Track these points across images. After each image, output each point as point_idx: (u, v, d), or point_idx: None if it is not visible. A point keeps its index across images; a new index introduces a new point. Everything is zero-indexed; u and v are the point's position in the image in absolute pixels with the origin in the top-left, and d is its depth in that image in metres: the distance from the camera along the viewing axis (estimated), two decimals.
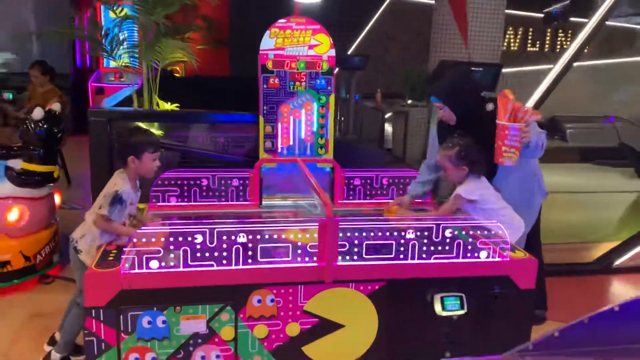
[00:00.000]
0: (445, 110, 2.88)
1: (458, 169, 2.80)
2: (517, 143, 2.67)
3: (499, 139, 2.69)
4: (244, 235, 2.30)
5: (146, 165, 2.61)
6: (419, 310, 2.45)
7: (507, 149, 2.68)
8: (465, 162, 2.79)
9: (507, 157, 2.69)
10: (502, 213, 2.79)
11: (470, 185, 2.78)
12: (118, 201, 2.49)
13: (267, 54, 3.19)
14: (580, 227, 4.97)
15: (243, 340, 2.34)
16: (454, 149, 2.79)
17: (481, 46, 7.05)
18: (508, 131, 2.65)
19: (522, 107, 2.67)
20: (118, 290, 2.19)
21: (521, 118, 2.66)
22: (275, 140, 3.28)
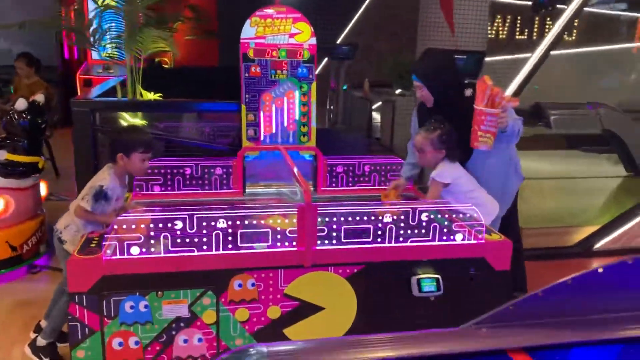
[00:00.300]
0: (424, 91, 2.92)
1: (436, 152, 2.85)
2: (493, 128, 2.72)
3: (476, 124, 2.74)
4: (223, 221, 2.34)
5: (135, 164, 2.61)
6: (396, 292, 2.51)
7: (482, 133, 2.73)
8: (444, 146, 2.83)
9: (482, 141, 2.74)
10: (474, 196, 2.84)
11: (442, 169, 2.83)
12: (103, 197, 2.52)
13: (248, 43, 3.21)
14: (563, 212, 5.04)
15: (225, 323, 2.40)
16: (435, 132, 2.83)
17: (468, 34, 7.08)
18: (485, 116, 2.70)
19: (500, 93, 2.71)
20: (100, 276, 2.24)
21: (498, 104, 2.71)
22: (258, 128, 3.31)
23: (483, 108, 2.70)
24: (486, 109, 2.69)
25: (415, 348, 1.24)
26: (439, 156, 2.86)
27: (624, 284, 1.31)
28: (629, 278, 1.31)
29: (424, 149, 2.87)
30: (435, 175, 2.84)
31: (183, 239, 2.31)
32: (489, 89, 2.69)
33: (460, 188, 2.85)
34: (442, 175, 2.83)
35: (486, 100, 2.70)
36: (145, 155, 2.63)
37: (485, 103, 2.71)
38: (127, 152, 2.58)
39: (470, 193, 2.85)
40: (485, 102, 2.71)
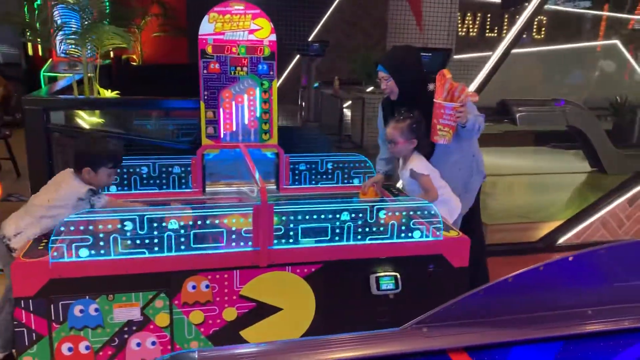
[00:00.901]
0: (389, 82, 2.90)
1: (408, 142, 2.81)
2: (452, 122, 2.72)
3: (435, 117, 2.74)
4: (175, 222, 2.29)
5: (101, 179, 2.53)
6: (355, 291, 2.49)
7: (441, 127, 2.73)
8: (415, 135, 2.81)
9: (441, 135, 2.74)
10: (441, 192, 2.84)
11: (417, 161, 2.81)
12: (95, 192, 2.47)
13: (207, 39, 3.15)
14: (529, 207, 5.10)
15: (179, 326, 2.35)
16: (405, 121, 2.80)
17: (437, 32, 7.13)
18: (443, 110, 2.70)
19: (459, 87, 2.71)
20: (47, 280, 2.16)
21: (457, 97, 2.71)
22: (218, 126, 3.25)
23: (442, 101, 2.70)
24: (445, 102, 2.69)
25: (353, 350, 1.21)
26: (410, 146, 2.83)
27: (565, 280, 1.31)
28: (569, 275, 1.30)
29: (395, 139, 2.83)
30: (416, 168, 2.80)
31: (134, 240, 2.25)
32: (448, 82, 2.70)
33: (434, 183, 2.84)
34: (422, 167, 2.81)
35: (445, 94, 2.70)
36: (112, 170, 2.56)
37: (445, 97, 2.71)
38: (94, 167, 2.48)
39: (440, 189, 2.84)
40: (444, 96, 2.71)
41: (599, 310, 1.34)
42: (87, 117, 3.69)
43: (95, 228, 2.21)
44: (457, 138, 2.90)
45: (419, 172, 2.79)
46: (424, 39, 6.97)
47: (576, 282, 1.32)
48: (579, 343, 1.27)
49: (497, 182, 5.73)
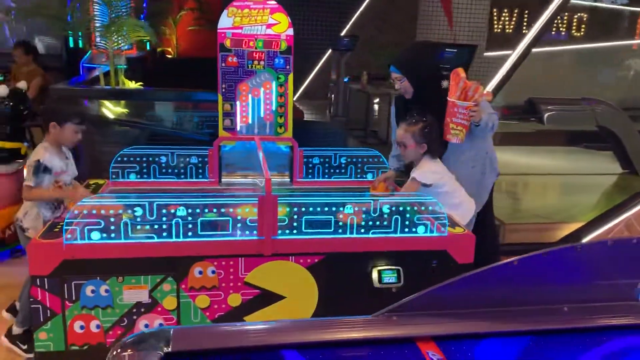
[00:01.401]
0: (403, 82, 2.92)
1: (418, 147, 2.80)
2: (465, 121, 2.72)
3: (448, 116, 2.74)
4: (184, 209, 2.38)
5: (67, 134, 2.66)
6: (357, 283, 2.53)
7: (454, 126, 2.73)
8: (426, 140, 2.80)
9: (454, 134, 2.74)
10: (455, 196, 2.83)
11: (425, 168, 2.80)
12: (43, 170, 2.56)
13: (225, 33, 3.23)
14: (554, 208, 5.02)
15: (185, 309, 2.43)
16: (417, 124, 2.79)
17: (467, 28, 7.06)
18: (457, 109, 2.70)
19: (473, 86, 2.70)
20: (61, 260, 2.28)
21: (471, 97, 2.70)
22: (234, 118, 3.33)
23: (455, 100, 2.69)
24: (458, 101, 2.69)
25: (325, 334, 1.26)
26: (420, 151, 2.83)
27: (538, 276, 1.32)
28: (543, 271, 1.32)
29: (405, 142, 2.82)
30: (416, 174, 2.80)
31: (143, 225, 2.35)
32: (462, 81, 2.69)
33: (442, 189, 2.82)
34: (424, 176, 2.79)
35: (459, 93, 2.70)
36: (79, 127, 2.68)
37: (458, 95, 2.70)
38: (60, 121, 2.62)
39: (452, 194, 2.83)
40: (458, 95, 2.70)
41: (575, 307, 1.35)
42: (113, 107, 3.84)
43: (106, 212, 2.31)
44: (471, 136, 2.89)
45: (417, 179, 2.77)
46: (453, 35, 6.92)
47: (552, 279, 1.34)
48: (550, 338, 1.29)
49: (522, 182, 5.66)
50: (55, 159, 2.64)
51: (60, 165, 2.65)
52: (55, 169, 2.62)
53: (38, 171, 2.56)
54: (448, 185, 2.84)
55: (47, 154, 2.61)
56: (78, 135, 2.71)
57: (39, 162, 2.56)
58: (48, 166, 2.59)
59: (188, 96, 3.86)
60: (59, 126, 2.63)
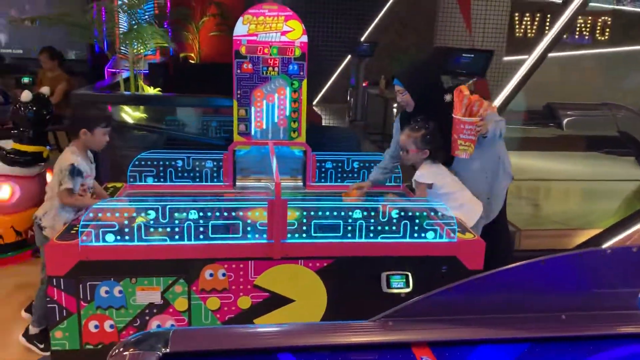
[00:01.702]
0: (404, 95, 2.94)
1: (420, 152, 2.85)
2: (473, 136, 2.73)
3: (455, 133, 2.75)
4: (195, 212, 2.43)
5: (97, 138, 2.74)
6: (366, 287, 2.54)
7: (462, 142, 2.74)
8: (428, 147, 2.83)
9: (462, 149, 2.75)
10: (456, 197, 2.84)
11: (424, 170, 2.84)
12: (77, 173, 2.64)
13: (240, 40, 3.28)
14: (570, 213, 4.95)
15: (196, 311, 2.48)
16: (420, 131, 2.83)
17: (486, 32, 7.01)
18: (463, 125, 2.71)
19: (477, 102, 2.71)
20: (77, 261, 2.35)
21: (476, 112, 2.71)
22: (249, 123, 3.39)
23: (461, 117, 2.70)
24: (464, 118, 2.70)
25: (322, 338, 1.29)
26: (422, 156, 2.86)
27: (536, 283, 1.33)
28: (542, 278, 1.32)
29: (407, 147, 2.87)
30: (416, 177, 2.85)
31: (156, 228, 2.41)
32: (466, 98, 2.69)
33: (443, 190, 2.84)
34: (422, 176, 2.84)
35: (464, 110, 2.71)
36: (106, 129, 2.76)
37: (464, 112, 2.71)
38: (90, 127, 2.70)
39: (452, 195, 2.85)
40: (463, 112, 2.71)
41: (573, 315, 1.35)
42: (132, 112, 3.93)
43: (121, 215, 2.37)
44: (480, 147, 2.91)
45: (419, 182, 2.82)
46: (472, 40, 6.88)
47: (550, 286, 1.34)
48: (547, 346, 1.29)
49: (540, 187, 5.60)
50: (83, 162, 2.73)
51: (86, 169, 2.74)
52: (85, 172, 2.71)
53: (73, 174, 2.64)
54: (449, 186, 2.85)
55: (79, 158, 2.69)
56: (107, 138, 2.80)
57: (74, 165, 2.65)
58: (81, 169, 2.68)
59: (204, 102, 3.93)
60: (89, 132, 2.72)
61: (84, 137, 2.72)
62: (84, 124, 2.71)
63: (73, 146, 2.74)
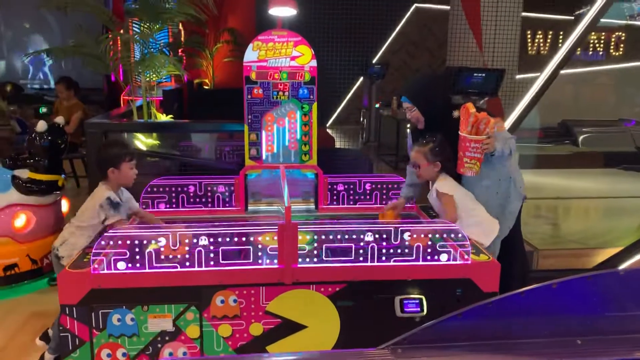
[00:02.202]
0: (413, 112, 2.94)
1: (432, 165, 2.85)
2: (479, 154, 2.70)
3: (460, 150, 2.73)
4: (205, 238, 2.43)
5: (125, 174, 2.76)
6: (379, 312, 2.50)
7: (468, 160, 2.71)
8: (439, 158, 2.84)
9: (467, 167, 2.73)
10: (475, 214, 2.81)
11: (442, 181, 2.83)
12: (114, 205, 2.67)
13: (251, 66, 3.32)
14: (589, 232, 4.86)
15: (208, 338, 2.46)
16: (428, 144, 2.85)
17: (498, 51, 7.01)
18: (469, 143, 2.69)
19: (484, 120, 2.68)
20: (89, 289, 2.36)
21: (483, 130, 2.68)
22: (260, 147, 3.40)
23: (467, 135, 2.68)
24: (470, 135, 2.68)
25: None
26: (434, 169, 2.86)
27: (546, 308, 1.29)
28: (552, 302, 1.29)
29: (419, 162, 2.88)
30: (438, 186, 2.84)
31: (167, 255, 2.40)
32: (472, 116, 2.67)
33: (462, 204, 2.82)
34: (443, 186, 2.83)
35: (470, 127, 2.69)
36: (132, 162, 2.78)
37: (470, 130, 2.69)
38: (116, 164, 2.71)
39: (472, 211, 2.82)
40: (469, 129, 2.69)
41: (589, 339, 1.31)
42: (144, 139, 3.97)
43: (132, 243, 2.38)
44: (489, 165, 2.88)
45: (441, 192, 2.79)
46: (484, 59, 6.89)
47: (563, 310, 1.30)
48: None
49: (558, 206, 5.52)
50: (117, 198, 2.75)
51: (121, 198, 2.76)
52: (121, 203, 2.73)
53: (111, 206, 2.67)
54: (468, 201, 2.83)
55: (111, 192, 2.71)
56: (135, 171, 2.81)
57: (111, 199, 2.67)
58: (115, 201, 2.70)
59: (215, 127, 3.96)
60: (117, 170, 2.73)
61: (113, 175, 2.73)
62: (109, 164, 2.73)
63: (105, 184, 2.75)
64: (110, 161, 2.73)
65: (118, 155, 2.74)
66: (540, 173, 6.27)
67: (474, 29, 6.81)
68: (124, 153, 2.76)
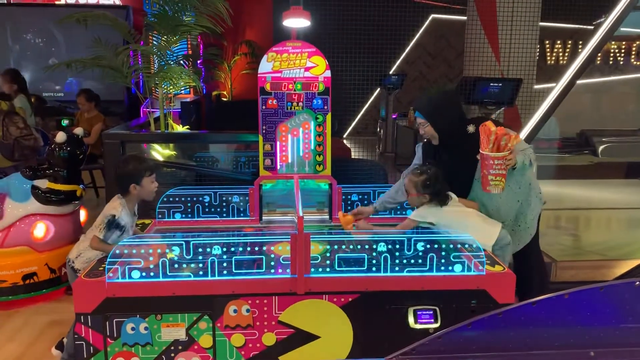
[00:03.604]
0: (426, 127, 2.94)
1: (420, 196, 2.86)
2: (503, 171, 2.68)
3: (484, 169, 2.71)
4: (218, 248, 2.44)
5: (147, 188, 2.78)
6: (393, 323, 2.48)
7: (493, 177, 2.69)
8: (428, 191, 2.83)
9: (493, 185, 2.70)
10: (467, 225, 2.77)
11: (422, 211, 2.85)
12: (115, 226, 2.67)
13: (265, 77, 3.35)
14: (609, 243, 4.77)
15: (221, 348, 2.46)
16: (421, 176, 2.85)
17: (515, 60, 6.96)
18: (492, 161, 2.67)
19: (505, 135, 2.66)
20: (103, 298, 2.38)
21: (504, 147, 2.66)
22: (274, 158, 3.42)
23: (489, 153, 2.66)
24: (492, 153, 2.66)
25: None
26: (422, 200, 2.87)
27: (558, 318, 1.27)
28: (564, 313, 1.27)
29: (409, 190, 2.90)
30: (413, 215, 2.88)
31: (180, 264, 2.42)
32: (493, 134, 2.66)
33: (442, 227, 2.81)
34: (419, 215, 2.85)
35: (491, 145, 2.67)
36: (152, 176, 2.80)
37: (491, 148, 2.67)
38: (137, 180, 2.73)
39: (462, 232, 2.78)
40: (490, 147, 2.67)
41: (602, 351, 1.28)
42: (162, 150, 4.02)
43: (146, 252, 2.40)
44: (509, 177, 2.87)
45: (412, 219, 2.85)
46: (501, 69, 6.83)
47: (576, 321, 1.28)
48: None
49: (577, 217, 5.43)
50: (127, 216, 2.75)
51: (128, 221, 2.76)
52: (127, 226, 2.74)
53: (111, 226, 2.66)
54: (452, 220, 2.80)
55: (123, 212, 2.71)
56: (156, 184, 2.83)
57: (114, 217, 2.67)
58: (122, 223, 2.70)
59: (231, 138, 4.00)
60: (138, 186, 2.75)
61: (135, 191, 2.75)
62: (131, 179, 2.74)
63: (123, 198, 2.76)
64: (131, 177, 2.75)
65: (138, 170, 2.75)
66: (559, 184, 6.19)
67: (491, 39, 6.78)
68: (144, 167, 2.77)
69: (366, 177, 3.81)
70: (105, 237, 2.65)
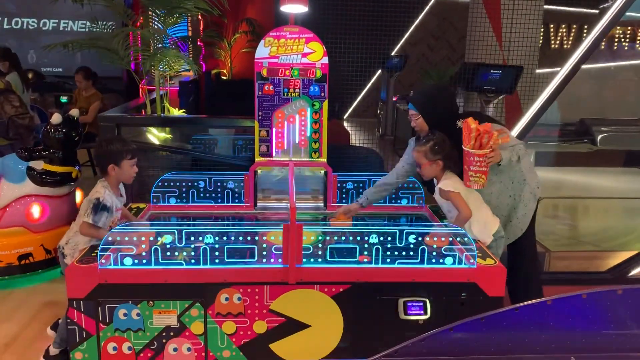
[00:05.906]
0: (417, 119, 2.92)
1: (433, 163, 2.83)
2: (484, 167, 2.67)
3: (465, 164, 2.70)
4: (211, 236, 2.45)
5: (125, 171, 2.75)
6: (383, 314, 2.51)
7: (472, 174, 2.69)
8: (439, 156, 2.81)
9: (473, 181, 2.70)
10: (478, 212, 2.78)
11: (448, 180, 2.81)
12: (102, 208, 2.66)
13: (262, 62, 3.32)
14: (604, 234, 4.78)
15: (212, 335, 2.49)
16: (427, 143, 2.83)
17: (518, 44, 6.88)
18: (472, 157, 2.65)
19: (487, 134, 2.64)
20: (96, 284, 2.40)
21: (486, 144, 2.64)
22: (270, 144, 3.40)
23: (470, 150, 2.65)
24: (472, 150, 2.64)
25: None
26: (436, 167, 2.84)
27: (541, 324, 1.28)
28: (547, 319, 1.28)
29: (420, 162, 2.87)
30: (443, 185, 2.81)
31: (172, 251, 2.43)
32: (474, 130, 2.64)
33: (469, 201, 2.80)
34: (448, 184, 2.80)
35: (473, 141, 2.65)
36: (133, 160, 2.76)
37: (473, 144, 2.65)
38: (117, 161, 2.72)
39: (476, 209, 2.80)
40: (472, 143, 2.65)
41: (583, 357, 1.29)
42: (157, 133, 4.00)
43: (139, 239, 2.41)
44: (500, 173, 2.86)
45: (446, 190, 2.77)
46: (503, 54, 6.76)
47: (558, 326, 1.29)
48: None
49: (573, 205, 5.43)
50: (113, 197, 2.74)
51: (115, 202, 2.76)
52: (113, 207, 2.72)
53: (97, 209, 2.65)
54: (473, 201, 2.80)
55: (107, 193, 2.70)
56: (135, 169, 2.80)
57: (99, 200, 2.65)
58: (107, 205, 2.68)
59: (227, 123, 3.97)
60: (117, 167, 2.73)
61: (113, 172, 2.73)
62: (110, 160, 2.72)
63: (105, 181, 2.74)
64: (110, 157, 2.72)
65: (119, 152, 2.72)
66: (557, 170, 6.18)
67: (494, 21, 6.69)
68: (125, 150, 2.74)
69: (362, 165, 3.80)
70: (95, 221, 2.64)
